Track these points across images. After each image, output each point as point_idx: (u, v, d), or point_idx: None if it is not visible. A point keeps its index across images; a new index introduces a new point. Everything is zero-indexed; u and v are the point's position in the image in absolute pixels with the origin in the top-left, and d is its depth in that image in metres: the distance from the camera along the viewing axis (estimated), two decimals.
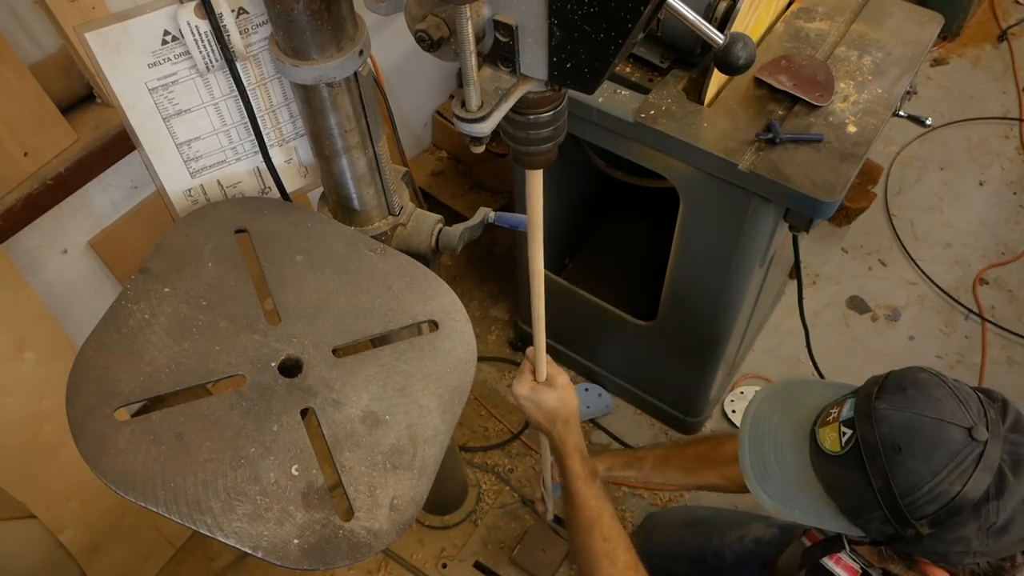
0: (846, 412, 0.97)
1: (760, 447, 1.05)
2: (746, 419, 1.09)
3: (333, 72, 0.90)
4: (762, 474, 1.03)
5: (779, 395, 1.12)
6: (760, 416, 1.09)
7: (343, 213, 1.12)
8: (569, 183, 2.03)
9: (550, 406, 1.22)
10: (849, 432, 0.95)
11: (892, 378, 0.97)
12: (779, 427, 1.06)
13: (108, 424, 0.88)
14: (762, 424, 1.08)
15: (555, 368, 1.24)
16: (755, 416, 1.09)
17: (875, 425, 0.92)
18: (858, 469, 0.92)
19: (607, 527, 1.17)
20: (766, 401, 1.11)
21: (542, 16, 0.64)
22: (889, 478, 0.90)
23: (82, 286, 1.62)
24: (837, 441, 0.96)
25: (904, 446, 0.90)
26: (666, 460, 1.46)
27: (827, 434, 0.98)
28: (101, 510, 1.67)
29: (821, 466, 0.99)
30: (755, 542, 1.50)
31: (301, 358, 0.96)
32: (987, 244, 2.60)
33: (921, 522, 0.89)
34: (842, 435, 0.96)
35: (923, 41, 1.56)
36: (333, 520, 0.84)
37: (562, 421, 1.23)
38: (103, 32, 0.93)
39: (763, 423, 1.08)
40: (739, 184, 1.39)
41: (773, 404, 1.10)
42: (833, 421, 0.98)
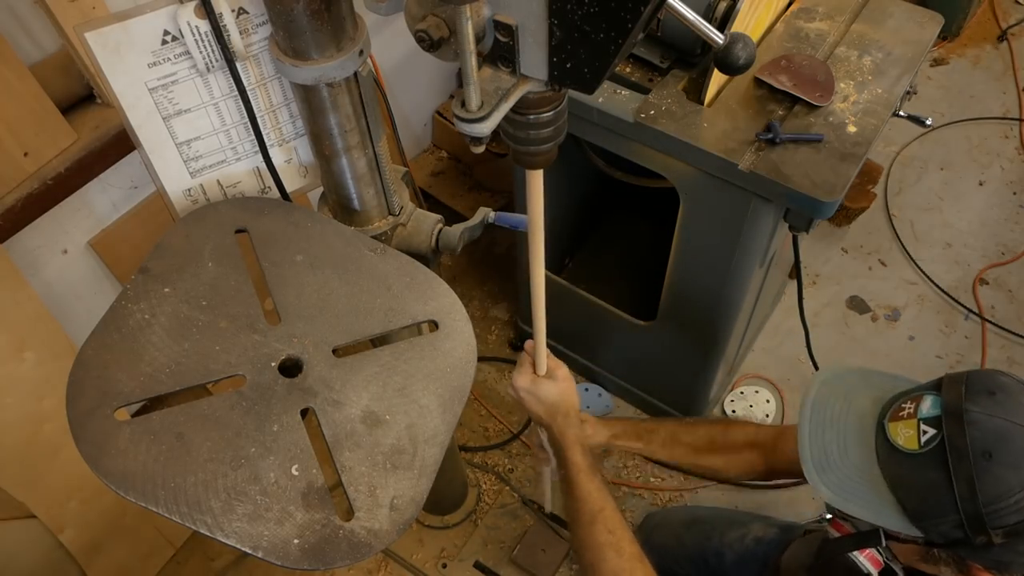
0: (928, 410, 0.92)
1: (821, 435, 1.00)
2: (805, 404, 1.04)
3: (333, 72, 0.90)
4: (822, 464, 0.98)
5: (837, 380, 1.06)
6: (820, 402, 1.03)
7: (343, 213, 1.12)
8: (569, 183, 2.03)
9: (550, 399, 1.21)
10: (931, 432, 0.90)
11: (976, 380, 0.93)
12: (841, 414, 1.01)
13: (108, 424, 0.88)
14: (823, 411, 1.02)
15: (555, 361, 1.23)
16: (815, 401, 1.03)
17: (966, 428, 0.88)
18: (938, 471, 0.89)
19: (610, 519, 1.15)
20: (825, 386, 1.05)
21: (542, 16, 0.64)
22: (974, 485, 0.86)
23: (82, 286, 1.62)
24: (914, 439, 0.91)
25: (995, 453, 0.86)
26: (675, 438, 1.40)
27: (901, 430, 0.93)
28: (101, 510, 1.67)
29: (890, 463, 0.94)
30: (755, 542, 1.50)
31: (301, 358, 0.96)
32: (987, 244, 2.60)
33: (997, 531, 0.86)
34: (921, 433, 0.91)
35: (923, 41, 1.56)
36: (333, 520, 0.84)
37: (562, 414, 1.22)
38: (103, 32, 0.93)
39: (824, 409, 1.02)
40: (739, 184, 1.39)
41: (833, 390, 1.04)
42: (909, 417, 0.93)
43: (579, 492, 1.18)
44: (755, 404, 2.23)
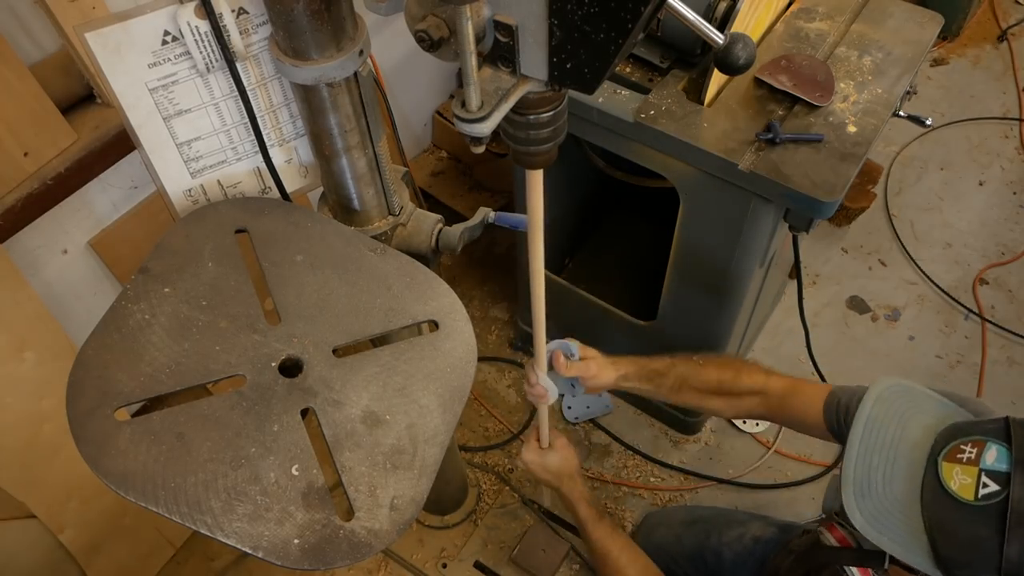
0: (993, 461, 0.86)
1: (870, 459, 0.94)
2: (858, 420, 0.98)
3: (333, 72, 0.90)
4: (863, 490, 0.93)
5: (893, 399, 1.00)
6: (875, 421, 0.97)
7: (343, 213, 1.13)
8: (569, 183, 2.03)
9: (556, 466, 1.38)
10: (994, 487, 0.85)
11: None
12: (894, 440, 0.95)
13: (108, 424, 0.89)
14: (877, 432, 0.96)
15: (555, 433, 1.41)
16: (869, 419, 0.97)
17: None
18: (990, 528, 0.84)
19: (615, 560, 1.31)
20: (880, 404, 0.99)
21: (542, 16, 0.64)
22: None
23: (82, 286, 1.62)
24: (971, 489, 0.86)
25: None
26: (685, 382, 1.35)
27: (957, 475, 0.88)
28: (101, 510, 1.67)
29: (936, 504, 0.89)
30: (754, 541, 1.50)
31: (301, 358, 0.96)
32: (987, 244, 2.60)
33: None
34: (981, 485, 0.86)
35: (923, 41, 1.56)
36: (333, 520, 0.84)
37: (567, 476, 1.38)
38: (103, 32, 0.93)
39: (878, 431, 0.96)
40: (739, 184, 1.39)
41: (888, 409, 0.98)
42: (968, 463, 0.88)
43: (590, 540, 1.35)
44: None
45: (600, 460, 2.16)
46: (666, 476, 2.13)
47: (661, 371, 1.36)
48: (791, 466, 2.14)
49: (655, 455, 2.16)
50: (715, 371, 1.34)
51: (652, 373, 1.36)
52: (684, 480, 2.12)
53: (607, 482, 2.12)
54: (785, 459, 2.15)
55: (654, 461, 2.15)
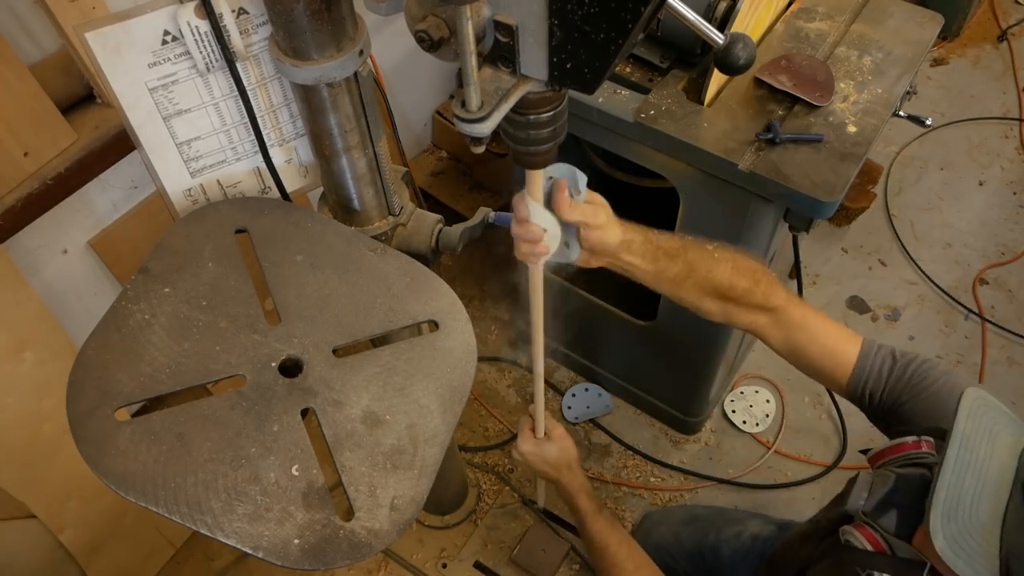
0: None
1: (963, 480, 0.89)
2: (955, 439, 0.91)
3: (333, 72, 0.90)
4: (951, 512, 0.87)
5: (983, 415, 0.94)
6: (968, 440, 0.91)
7: (343, 213, 1.12)
8: None
9: (554, 457, 1.34)
10: None
11: None
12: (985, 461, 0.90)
13: (108, 424, 0.88)
14: (971, 452, 0.90)
15: (551, 422, 1.36)
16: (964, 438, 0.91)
17: None
18: None
19: (613, 553, 1.29)
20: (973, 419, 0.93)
21: (542, 16, 0.64)
22: None
23: (82, 286, 1.62)
24: None
25: None
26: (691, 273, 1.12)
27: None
28: (101, 510, 1.67)
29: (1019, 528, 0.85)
30: (752, 539, 1.50)
31: (301, 358, 0.96)
32: (987, 244, 2.60)
33: None
34: None
35: (923, 41, 1.56)
36: (333, 520, 0.84)
37: (566, 467, 1.35)
38: (103, 32, 0.93)
39: (972, 451, 0.90)
40: (739, 184, 1.39)
41: (979, 428, 0.92)
42: None
43: (588, 534, 1.33)
44: (755, 404, 2.23)
45: (600, 460, 2.16)
46: (666, 476, 2.13)
47: (670, 252, 1.12)
48: (791, 466, 2.14)
49: (655, 455, 2.16)
50: (729, 272, 1.13)
51: (659, 252, 1.12)
52: (684, 480, 2.12)
53: (607, 482, 2.12)
54: (785, 459, 2.15)
55: (654, 461, 2.15)
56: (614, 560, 1.28)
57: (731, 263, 1.12)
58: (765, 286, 1.13)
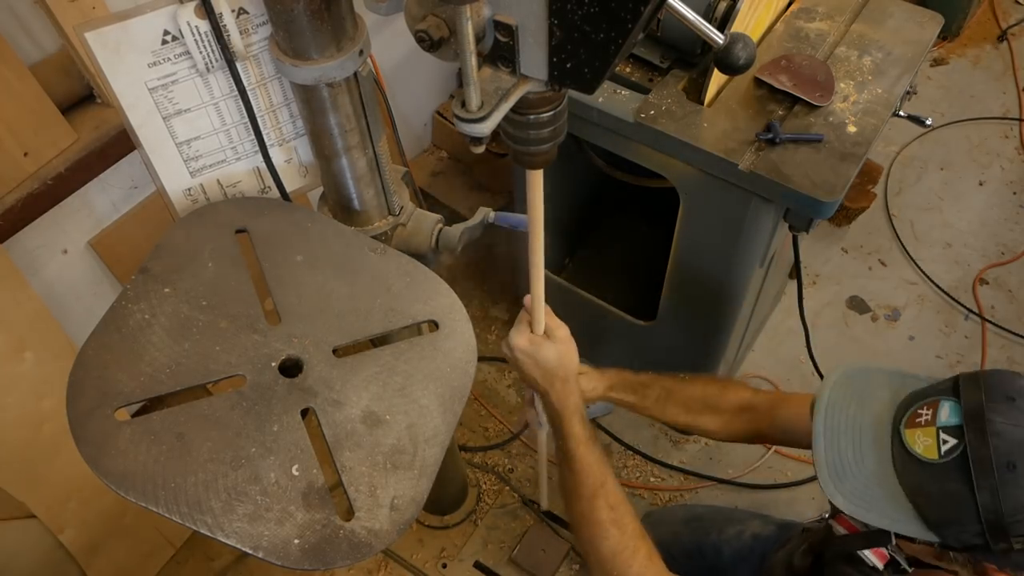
0: (947, 417, 0.90)
1: (837, 441, 0.97)
2: (819, 408, 1.00)
3: (333, 72, 0.90)
4: (838, 472, 0.95)
5: (850, 381, 1.03)
6: (834, 404, 1.00)
7: (343, 213, 1.12)
8: (569, 183, 2.03)
9: (549, 362, 1.12)
10: (953, 441, 0.88)
11: (995, 386, 0.91)
12: (856, 419, 0.98)
13: (108, 424, 0.88)
14: (837, 414, 0.99)
15: (555, 320, 1.15)
16: (828, 404, 1.00)
17: (989, 439, 0.86)
18: (959, 481, 0.87)
19: (612, 494, 1.10)
20: (838, 387, 1.02)
21: (542, 16, 0.64)
22: (998, 495, 0.85)
23: (82, 286, 1.62)
24: (934, 448, 0.89)
25: (1019, 463, 0.85)
26: (670, 395, 1.32)
27: (919, 438, 0.91)
28: (101, 510, 1.67)
29: (908, 471, 0.92)
30: (753, 538, 1.50)
31: (301, 358, 0.96)
32: (987, 244, 2.60)
33: (1018, 539, 0.86)
34: (941, 442, 0.89)
35: (923, 41, 1.56)
36: (333, 520, 0.84)
37: (561, 379, 1.13)
38: (103, 32, 0.93)
39: (838, 413, 0.99)
40: (739, 184, 1.39)
41: (846, 391, 1.01)
42: (927, 424, 0.91)
43: (579, 465, 1.11)
44: None
45: None
46: (666, 476, 2.13)
47: (646, 383, 1.31)
48: (791, 466, 2.14)
49: (655, 455, 2.15)
50: (700, 386, 1.32)
51: (637, 384, 1.31)
52: (684, 480, 2.12)
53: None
54: (785, 459, 2.15)
55: (654, 461, 2.15)
56: (612, 500, 1.09)
57: (700, 380, 1.34)
58: (732, 387, 1.33)
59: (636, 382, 1.32)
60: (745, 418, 1.29)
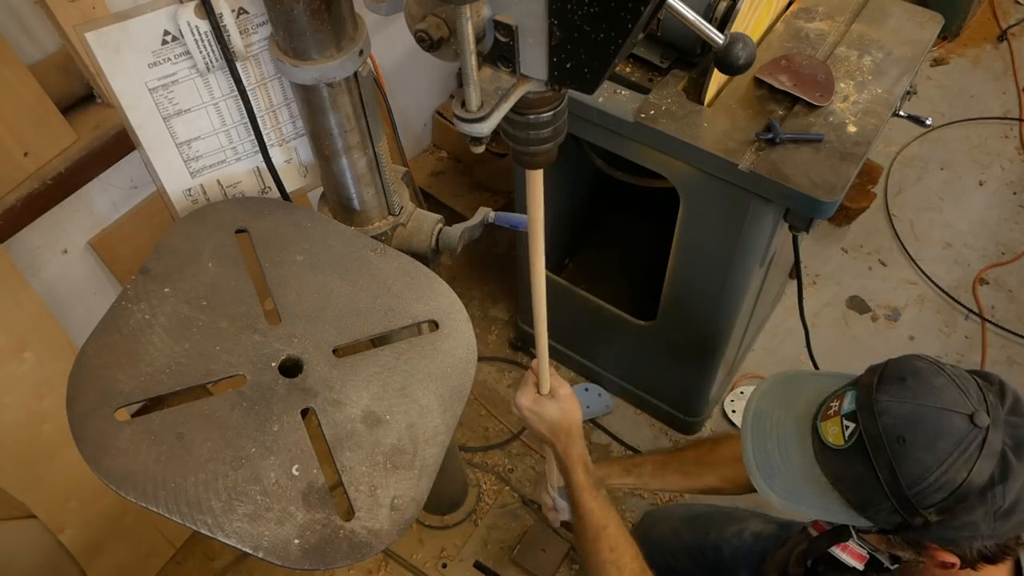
0: (847, 405, 0.97)
1: (764, 444, 1.04)
2: (747, 417, 1.08)
3: (333, 72, 0.90)
4: (768, 472, 1.02)
5: (776, 390, 1.11)
6: (761, 412, 1.08)
7: (343, 213, 1.12)
8: (569, 183, 2.03)
9: (553, 418, 1.23)
10: (852, 426, 0.95)
11: (890, 368, 0.97)
12: (780, 423, 1.05)
13: (108, 424, 0.88)
14: (764, 420, 1.07)
15: (557, 380, 1.26)
16: (755, 413, 1.08)
17: (878, 418, 0.92)
18: (863, 462, 0.93)
19: (613, 536, 1.20)
20: (764, 397, 1.10)
21: (542, 16, 0.64)
22: (895, 470, 0.90)
23: (82, 286, 1.62)
24: (840, 435, 0.96)
25: (908, 437, 0.90)
26: (665, 465, 1.45)
27: (829, 428, 0.98)
28: (101, 510, 1.67)
29: (825, 460, 0.98)
30: (753, 537, 1.50)
31: (301, 358, 0.96)
32: (987, 244, 2.60)
33: (929, 510, 0.90)
34: (844, 428, 0.96)
35: (923, 41, 1.56)
36: (334, 520, 0.84)
37: (565, 432, 1.24)
38: (103, 32, 0.93)
39: (764, 419, 1.07)
40: (739, 184, 1.39)
41: (772, 399, 1.09)
42: (834, 415, 0.98)
43: (582, 511, 1.23)
44: None
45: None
46: None
47: (638, 463, 1.46)
48: None
49: None
50: (690, 451, 1.44)
51: (630, 466, 1.45)
52: None
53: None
54: None
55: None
56: (611, 543, 1.20)
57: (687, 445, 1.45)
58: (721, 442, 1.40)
59: (628, 464, 1.46)
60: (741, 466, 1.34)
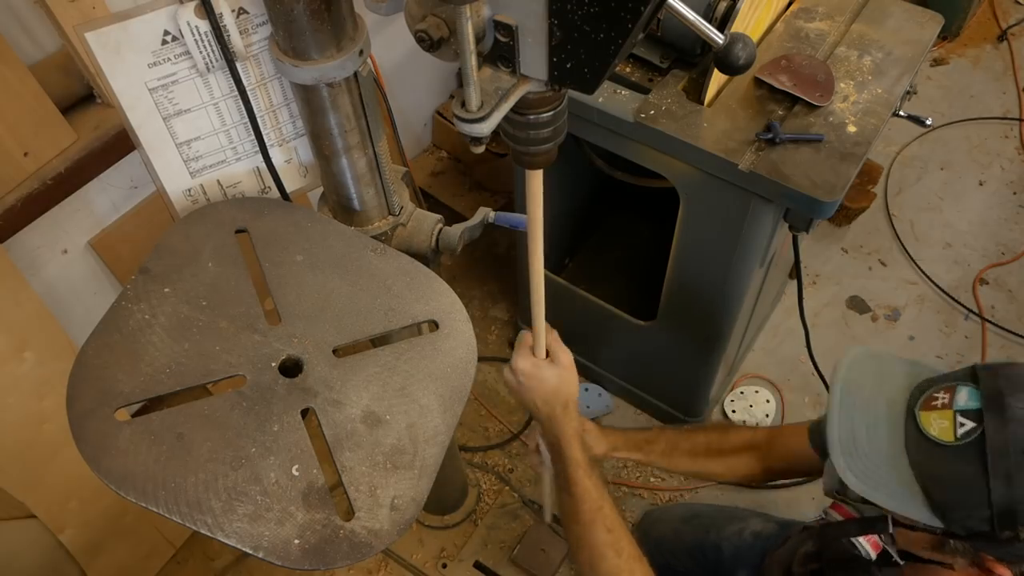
0: (965, 401, 0.90)
1: (851, 418, 0.96)
2: (835, 385, 1.00)
3: (333, 72, 0.90)
4: (850, 449, 0.95)
5: (866, 363, 1.03)
6: (850, 384, 1.00)
7: (343, 213, 1.12)
8: (569, 183, 2.03)
9: (551, 385, 1.13)
10: (969, 424, 0.88)
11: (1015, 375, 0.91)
12: (872, 399, 0.98)
13: (108, 424, 0.88)
14: (853, 394, 0.98)
15: (559, 345, 1.15)
16: (845, 382, 1.00)
17: (1008, 424, 0.86)
18: (973, 464, 0.87)
19: (609, 518, 1.11)
20: (855, 368, 1.02)
21: (542, 16, 0.64)
22: (1012, 480, 0.85)
23: (82, 286, 1.62)
24: (950, 430, 0.89)
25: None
26: (675, 446, 1.39)
27: (934, 420, 0.91)
28: (101, 510, 1.67)
29: (921, 453, 0.91)
30: (753, 536, 1.50)
31: (301, 358, 0.96)
32: (987, 244, 2.60)
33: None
34: (958, 425, 0.89)
35: (923, 41, 1.56)
36: (334, 520, 0.84)
37: (561, 404, 1.13)
38: (103, 32, 0.93)
39: (855, 392, 0.99)
40: (739, 184, 1.39)
41: (863, 372, 1.01)
42: (943, 407, 0.91)
43: (577, 489, 1.13)
44: (755, 404, 2.23)
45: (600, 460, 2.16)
46: (666, 476, 2.13)
47: (650, 439, 1.39)
48: None
49: None
50: (702, 435, 1.40)
51: (641, 442, 1.39)
52: (684, 480, 2.12)
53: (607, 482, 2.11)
54: None
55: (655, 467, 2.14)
56: (610, 524, 1.10)
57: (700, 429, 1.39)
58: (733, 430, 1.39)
59: (640, 440, 1.40)
60: (747, 457, 1.35)
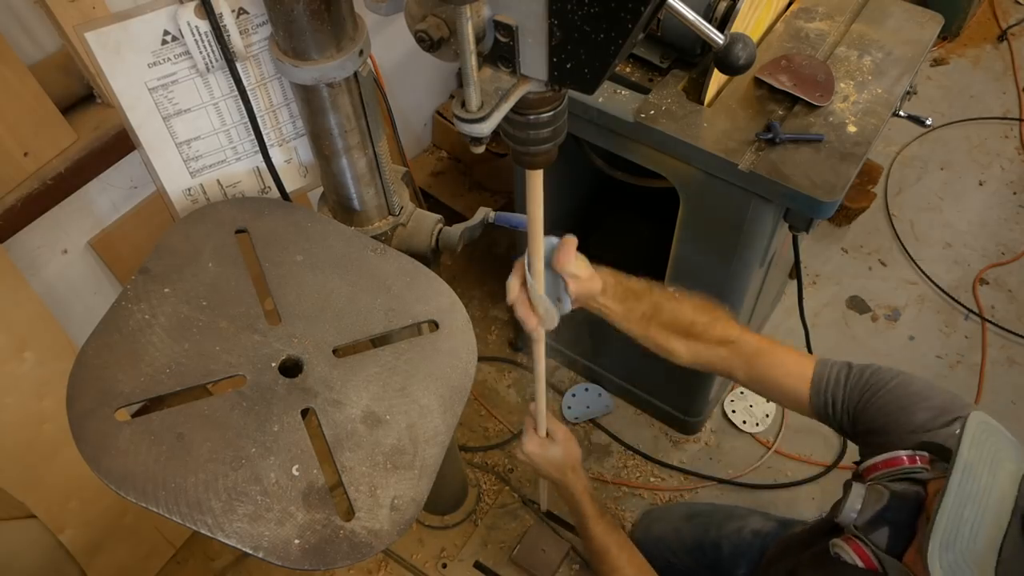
0: None
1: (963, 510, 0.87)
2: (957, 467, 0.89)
3: (333, 72, 0.90)
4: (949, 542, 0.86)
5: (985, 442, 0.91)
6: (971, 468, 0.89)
7: (343, 213, 1.13)
8: (569, 183, 2.03)
9: (558, 459, 1.35)
10: None
11: None
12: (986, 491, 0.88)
13: (108, 424, 0.88)
14: (972, 480, 0.88)
15: (554, 423, 1.37)
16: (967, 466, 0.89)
17: None
18: None
19: (615, 558, 1.30)
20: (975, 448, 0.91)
21: (542, 16, 0.64)
22: None
23: (82, 286, 1.62)
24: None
25: None
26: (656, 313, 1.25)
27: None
28: (101, 510, 1.67)
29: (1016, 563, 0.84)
30: (753, 534, 1.50)
31: (301, 358, 0.96)
32: (987, 244, 2.60)
33: None
34: None
35: (923, 41, 1.56)
36: (334, 520, 0.84)
37: (570, 469, 1.35)
38: (103, 32, 0.93)
39: (974, 479, 0.88)
40: (739, 184, 1.39)
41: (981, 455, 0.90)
42: None
43: (589, 535, 1.33)
44: (755, 404, 2.23)
45: (600, 460, 2.16)
46: (666, 476, 2.13)
47: (637, 293, 1.25)
48: (791, 466, 2.14)
49: (655, 455, 2.15)
50: (690, 310, 1.25)
51: (628, 292, 1.25)
52: (684, 480, 2.12)
53: (607, 482, 2.12)
54: (785, 459, 2.15)
55: (654, 461, 2.15)
56: (615, 565, 1.29)
57: (690, 303, 1.25)
58: (723, 320, 1.25)
59: (628, 290, 1.25)
60: (722, 352, 1.24)
